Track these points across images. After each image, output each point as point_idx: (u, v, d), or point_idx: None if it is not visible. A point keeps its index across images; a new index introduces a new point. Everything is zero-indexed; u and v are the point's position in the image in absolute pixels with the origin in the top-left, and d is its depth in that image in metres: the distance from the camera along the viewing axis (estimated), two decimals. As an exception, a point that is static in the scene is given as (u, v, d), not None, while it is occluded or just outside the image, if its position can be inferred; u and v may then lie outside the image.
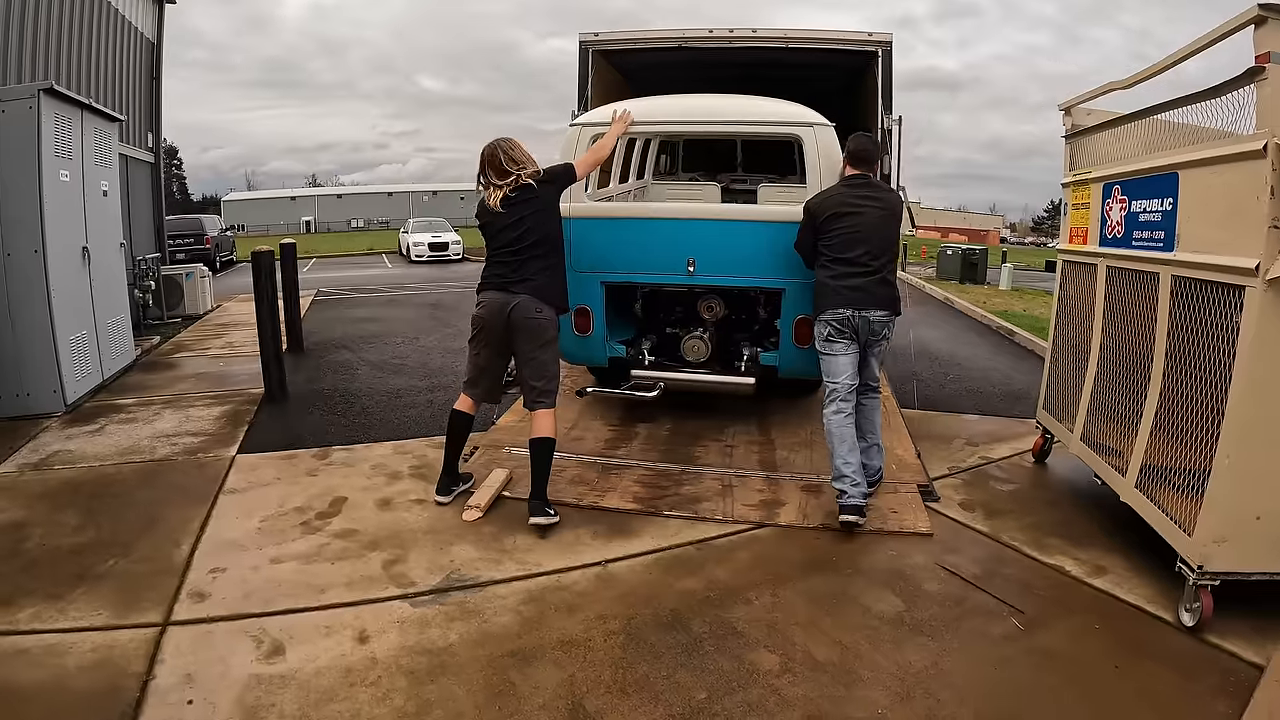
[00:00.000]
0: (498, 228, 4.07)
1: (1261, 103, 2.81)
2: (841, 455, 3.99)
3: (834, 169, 4.59)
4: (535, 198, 4.05)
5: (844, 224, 4.11)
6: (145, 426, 5.65)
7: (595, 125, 4.93)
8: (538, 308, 4.02)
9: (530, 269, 4.04)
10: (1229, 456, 2.97)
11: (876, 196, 4.18)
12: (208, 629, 3.06)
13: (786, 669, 2.87)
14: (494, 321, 4.05)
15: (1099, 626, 3.19)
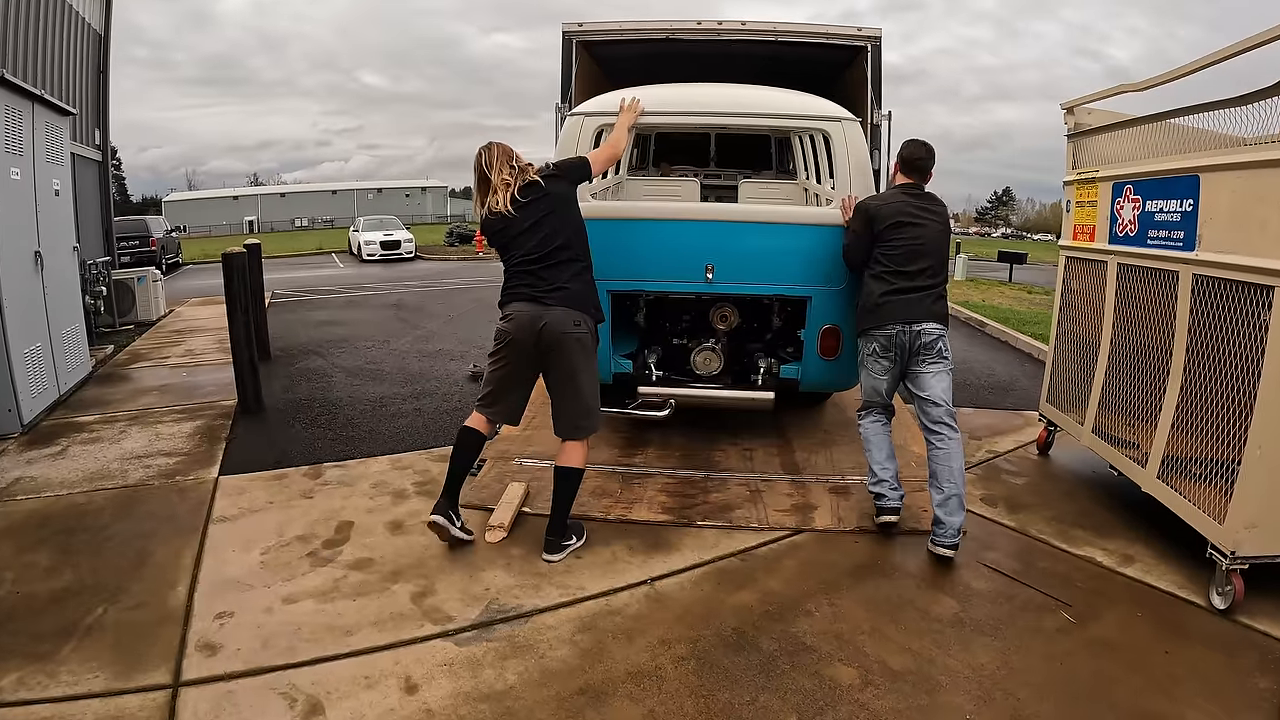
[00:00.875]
0: (513, 234, 3.44)
1: None
2: (879, 461, 3.71)
3: (863, 167, 4.23)
4: (547, 195, 3.45)
5: (906, 235, 3.66)
6: (112, 447, 4.98)
7: (600, 115, 4.32)
8: (576, 320, 3.39)
9: (561, 275, 3.42)
10: (1260, 448, 2.92)
11: (936, 210, 3.77)
12: (227, 688, 2.56)
13: (867, 682, 2.62)
14: (524, 338, 3.38)
15: (1140, 614, 3.11)
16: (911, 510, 3.85)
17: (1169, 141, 3.55)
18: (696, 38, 5.67)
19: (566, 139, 4.31)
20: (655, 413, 4.35)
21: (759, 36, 5.63)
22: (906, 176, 3.81)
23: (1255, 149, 2.93)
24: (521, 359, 3.44)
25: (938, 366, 3.60)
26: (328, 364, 7.60)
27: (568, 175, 3.60)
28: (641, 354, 4.70)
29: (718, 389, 4.51)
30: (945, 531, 3.40)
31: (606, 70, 6.41)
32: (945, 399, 3.57)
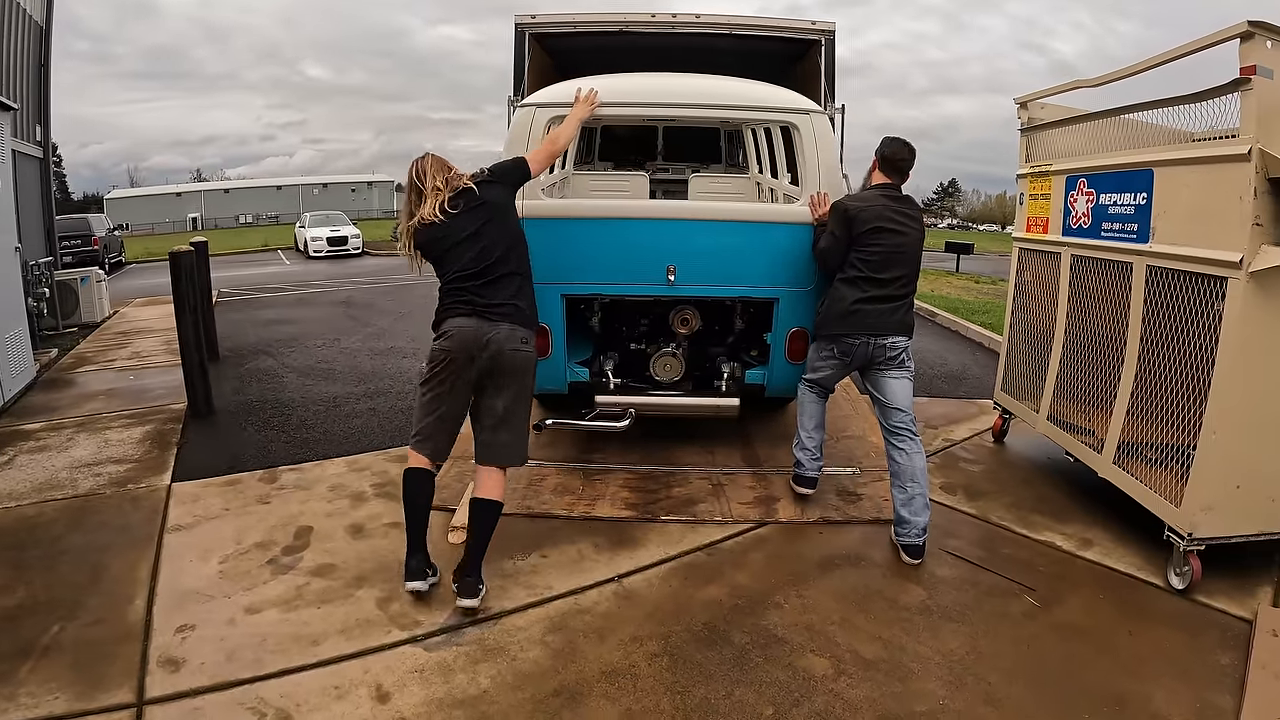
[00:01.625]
0: (447, 246, 3.15)
1: (1245, 111, 2.84)
2: (807, 429, 3.79)
3: (831, 162, 4.08)
4: (484, 203, 3.18)
5: (886, 241, 3.50)
6: (60, 455, 4.80)
7: (553, 106, 3.98)
8: (523, 338, 3.13)
9: (503, 292, 3.13)
10: (1215, 433, 3.03)
11: (915, 216, 3.64)
12: (194, 705, 2.48)
13: (840, 672, 2.65)
14: (465, 357, 3.05)
15: (1103, 597, 3.21)
16: (874, 500, 3.92)
17: (1122, 136, 3.64)
18: (650, 30, 5.63)
19: (516, 131, 4.03)
20: (614, 424, 4.12)
21: (713, 30, 5.61)
22: (886, 176, 3.65)
23: (1210, 145, 3.03)
24: (461, 381, 3.10)
25: (899, 374, 3.54)
26: (278, 364, 7.43)
27: (504, 180, 3.33)
28: (598, 360, 4.46)
29: (679, 396, 4.30)
30: (910, 530, 3.37)
31: (559, 63, 6.32)
32: (907, 406, 3.52)
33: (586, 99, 3.85)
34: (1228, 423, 2.99)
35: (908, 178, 3.70)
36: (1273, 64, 2.78)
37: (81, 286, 9.96)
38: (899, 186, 3.66)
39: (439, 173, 3.20)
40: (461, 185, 3.18)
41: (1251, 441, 3.02)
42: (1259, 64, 2.77)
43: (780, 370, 4.22)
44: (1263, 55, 2.77)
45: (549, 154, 3.59)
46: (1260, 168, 2.78)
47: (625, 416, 4.13)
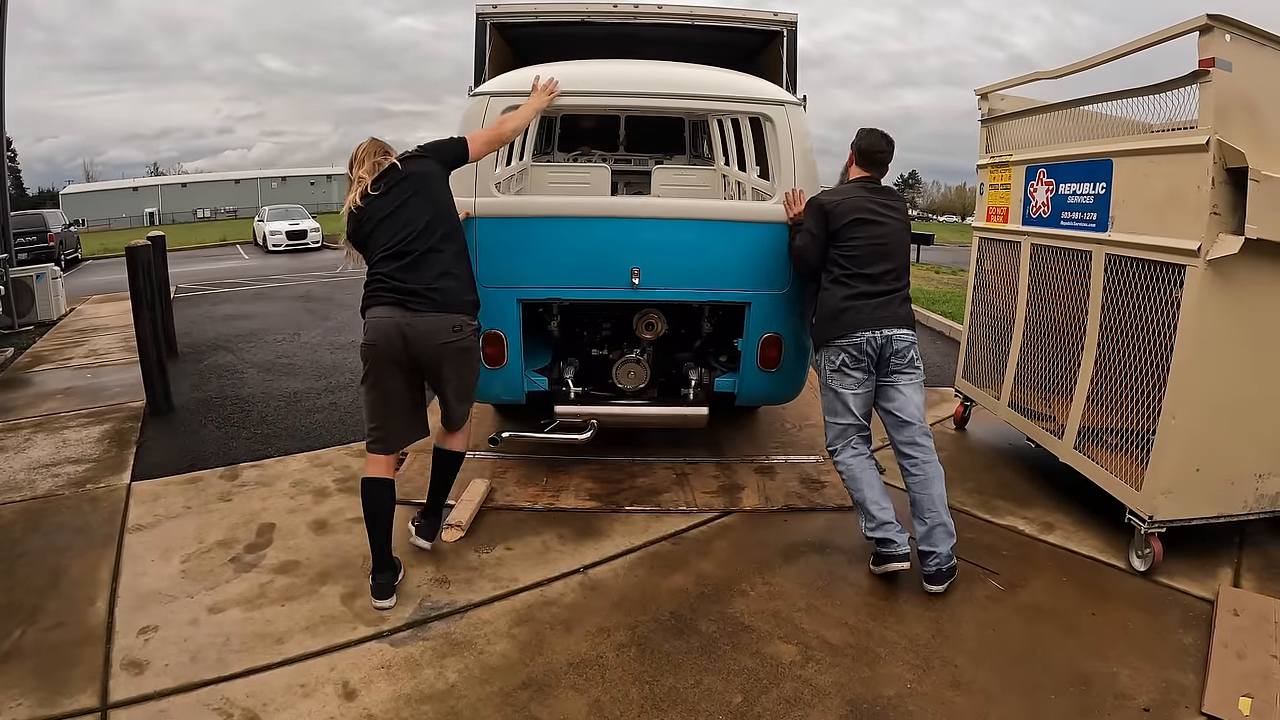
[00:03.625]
0: (369, 229, 3.02)
1: (1204, 102, 2.92)
2: (874, 500, 3.22)
3: (809, 155, 3.87)
4: (406, 177, 3.03)
5: (867, 233, 3.32)
6: (17, 456, 4.69)
7: (508, 95, 3.73)
8: (455, 325, 2.98)
9: (428, 273, 2.96)
10: (1174, 417, 3.11)
11: (896, 206, 3.45)
12: (159, 707, 2.45)
13: (808, 658, 2.70)
14: (392, 351, 2.94)
15: (1065, 579, 3.28)
16: (838, 487, 3.97)
17: (1082, 127, 3.72)
18: (612, 20, 5.59)
19: (469, 121, 3.73)
20: (575, 436, 3.94)
21: (675, 20, 5.58)
22: (863, 170, 3.50)
23: (1169, 135, 3.10)
24: (396, 373, 3.00)
25: (909, 378, 3.29)
26: (238, 359, 7.33)
27: (435, 155, 3.18)
28: (557, 368, 4.22)
29: (644, 406, 4.12)
30: (934, 560, 3.11)
31: (519, 52, 6.24)
32: (920, 416, 3.28)
33: (545, 88, 3.67)
34: (1186, 408, 3.07)
35: (886, 170, 3.54)
36: (1231, 57, 2.86)
37: (37, 284, 9.72)
38: (878, 179, 3.50)
39: (369, 157, 3.08)
40: (385, 165, 3.06)
41: (1210, 426, 3.12)
42: (1217, 57, 2.85)
43: (752, 377, 4.03)
44: (1221, 48, 2.85)
45: (494, 138, 3.43)
46: (1218, 158, 2.86)
47: (587, 428, 3.97)
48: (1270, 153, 2.89)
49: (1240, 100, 2.91)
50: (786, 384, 4.12)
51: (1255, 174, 2.80)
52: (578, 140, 8.62)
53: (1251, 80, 2.92)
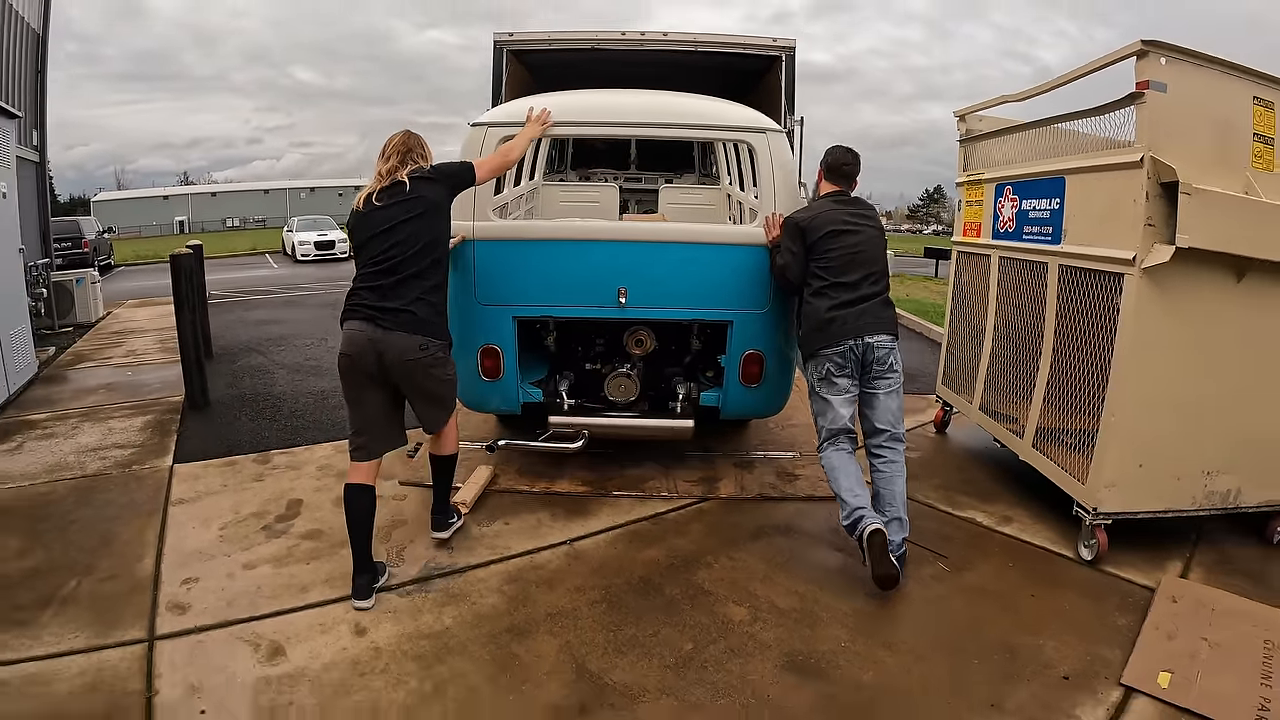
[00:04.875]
0: (365, 236, 3.29)
1: (1140, 122, 3.36)
2: (849, 488, 3.51)
3: (790, 179, 4.24)
4: (413, 198, 3.28)
5: (842, 243, 3.66)
6: (67, 441, 5.40)
7: (504, 126, 4.15)
8: (421, 345, 3.27)
9: (406, 294, 3.25)
10: (1114, 415, 3.52)
11: (868, 214, 3.81)
12: (198, 639, 3.06)
13: (756, 618, 3.21)
14: (364, 363, 3.25)
15: (1013, 565, 3.70)
16: (810, 479, 4.50)
17: (1042, 147, 4.20)
18: (620, 47, 6.22)
19: (468, 150, 4.13)
20: (567, 445, 4.32)
21: (679, 46, 6.19)
22: (833, 184, 3.86)
23: (1110, 153, 3.55)
24: (371, 382, 3.31)
25: (888, 383, 3.63)
26: (269, 361, 8.10)
27: (445, 180, 3.43)
28: (552, 380, 4.61)
29: (634, 417, 4.47)
30: (890, 547, 3.38)
31: (536, 76, 6.90)
32: (894, 422, 3.64)
33: (539, 118, 4.02)
34: (1125, 406, 3.48)
35: (855, 183, 3.91)
36: (1166, 79, 3.26)
37: (77, 287, 10.64)
38: (847, 192, 3.86)
39: (394, 154, 3.37)
40: (396, 177, 3.31)
41: (1149, 424, 3.50)
42: (1152, 79, 3.25)
43: (735, 393, 4.38)
44: (1156, 71, 3.24)
45: (499, 165, 3.78)
46: (1152, 174, 3.25)
47: (578, 438, 4.33)
48: (1206, 166, 3.29)
49: (1177, 118, 3.29)
50: (769, 399, 4.50)
51: (1186, 187, 3.18)
52: (590, 160, 9.16)
53: (1187, 99, 3.30)
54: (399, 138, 3.43)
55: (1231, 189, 3.35)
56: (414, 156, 3.40)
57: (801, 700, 2.70)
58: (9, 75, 9.97)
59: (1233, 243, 3.32)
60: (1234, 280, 3.43)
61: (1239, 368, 3.55)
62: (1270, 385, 3.60)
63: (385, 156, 3.38)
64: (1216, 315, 3.47)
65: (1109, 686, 2.82)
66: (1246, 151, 3.44)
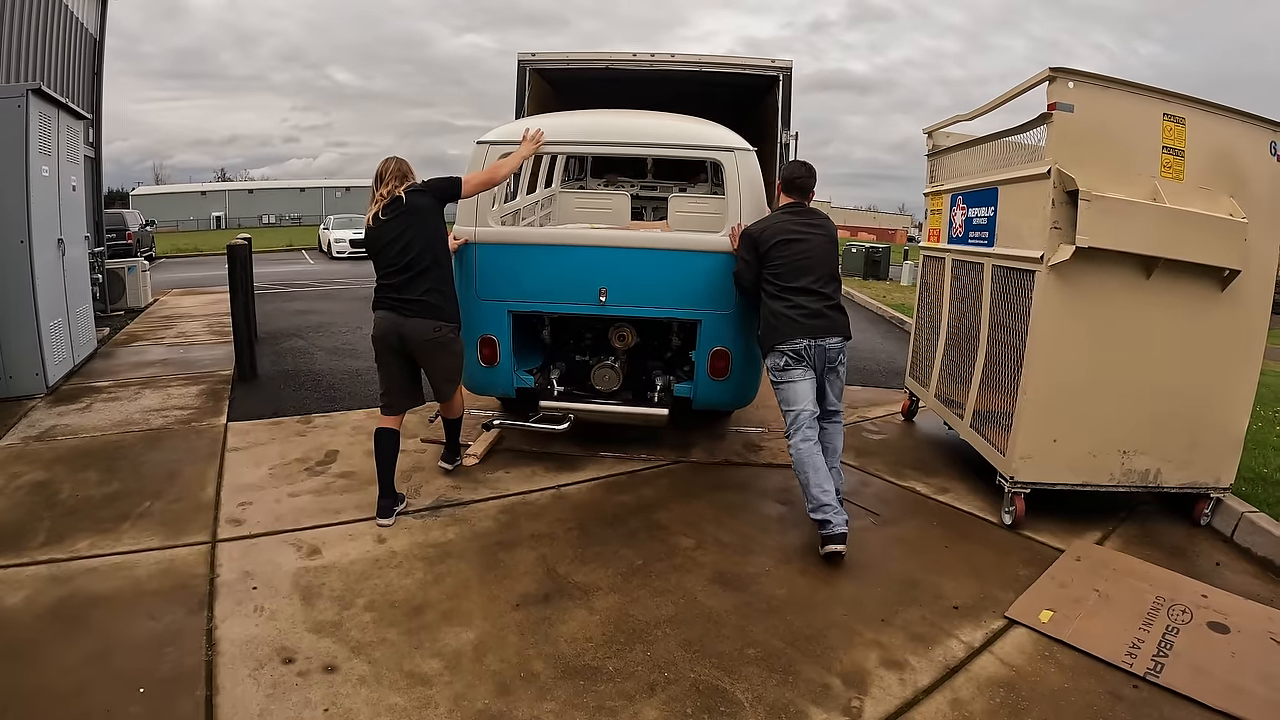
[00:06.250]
0: (378, 246, 4.26)
1: (1050, 138, 4.11)
2: (818, 484, 4.02)
3: (755, 194, 4.85)
4: (408, 210, 4.19)
5: (790, 250, 4.21)
6: (130, 404, 6.52)
7: (503, 144, 4.88)
8: (435, 327, 4.27)
9: (418, 288, 4.23)
10: (1027, 393, 4.29)
11: (818, 223, 4.33)
12: (252, 542, 4.07)
13: (699, 546, 4.12)
14: (390, 343, 4.30)
15: (937, 524, 4.50)
16: (773, 450, 5.40)
17: (988, 161, 5.03)
18: (630, 68, 7.19)
19: (472, 164, 4.87)
20: (555, 426, 5.04)
21: (684, 68, 7.15)
22: (789, 196, 4.44)
23: (1027, 166, 4.33)
24: (396, 358, 4.36)
25: (835, 376, 4.27)
26: (309, 344, 9.32)
27: (433, 191, 4.33)
28: (546, 369, 5.34)
29: (614, 405, 5.13)
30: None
31: (557, 91, 7.94)
32: (837, 401, 4.33)
33: (532, 138, 4.80)
34: (1036, 386, 4.23)
35: (811, 195, 4.49)
36: (1074, 100, 3.97)
37: (129, 275, 11.97)
38: (803, 203, 4.44)
39: (391, 180, 4.27)
40: (394, 194, 4.22)
41: (1060, 402, 4.23)
42: (1059, 101, 3.97)
43: (704, 385, 5.07)
44: (1064, 94, 3.96)
45: (486, 180, 4.56)
46: (1058, 183, 3.97)
47: (565, 420, 5.04)
48: (1115, 176, 3.98)
49: (1085, 133, 3.98)
50: (735, 392, 5.17)
51: (1085, 194, 3.87)
52: (609, 169, 10.09)
53: (1096, 117, 3.99)
54: (393, 164, 4.33)
55: (1139, 197, 4.02)
56: (407, 178, 4.31)
57: (722, 603, 3.59)
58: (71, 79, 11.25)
59: (1132, 243, 4.00)
60: (1143, 277, 4.13)
61: (1149, 356, 4.22)
62: (1178, 372, 4.26)
63: (384, 181, 4.28)
64: (1126, 309, 4.16)
65: (993, 618, 3.48)
66: (1155, 162, 4.10)
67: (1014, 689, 3.00)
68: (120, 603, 3.46)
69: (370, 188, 4.39)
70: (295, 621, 3.34)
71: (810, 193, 4.48)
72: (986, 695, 2.96)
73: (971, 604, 3.61)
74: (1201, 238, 4.07)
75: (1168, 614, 3.51)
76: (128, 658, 3.06)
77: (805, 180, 4.46)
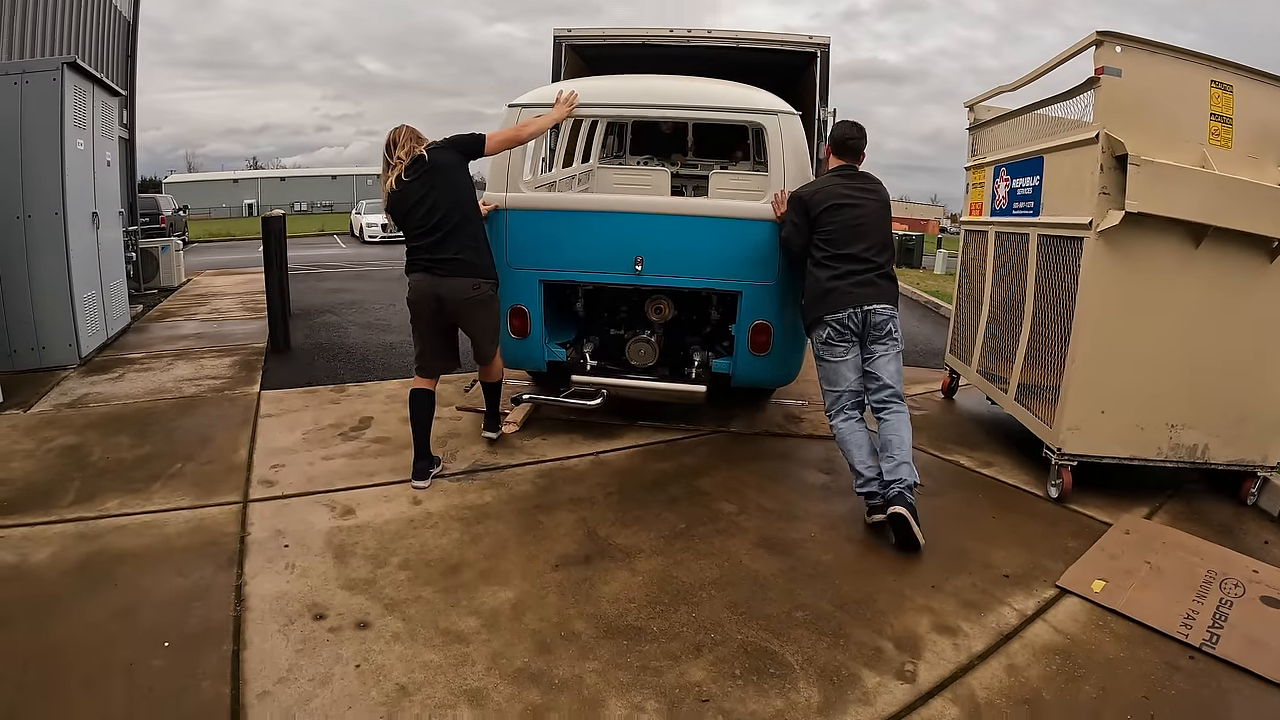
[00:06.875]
0: (405, 208, 4.08)
1: (1097, 103, 3.96)
2: (862, 460, 3.88)
3: (800, 160, 4.62)
4: (433, 168, 4.02)
5: (843, 216, 3.98)
6: (164, 374, 6.46)
7: (536, 106, 4.67)
8: (474, 285, 4.12)
9: (451, 246, 4.06)
10: (1075, 360, 4.11)
11: (871, 188, 4.10)
12: (284, 502, 3.97)
13: (742, 511, 3.99)
14: (427, 305, 4.14)
15: (983, 497, 4.35)
16: (813, 422, 5.24)
17: (1032, 131, 4.86)
18: (668, 43, 7.07)
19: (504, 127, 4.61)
20: (586, 402, 4.87)
21: (721, 43, 7.02)
22: (840, 159, 4.15)
23: (1075, 131, 4.18)
24: (433, 321, 4.20)
25: (886, 347, 3.91)
26: (342, 320, 9.26)
27: (457, 147, 4.17)
28: (579, 343, 5.11)
29: (649, 380, 4.90)
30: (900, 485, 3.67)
31: (591, 68, 7.73)
32: (895, 381, 3.92)
33: (566, 100, 4.60)
34: (1084, 354, 4.06)
35: (863, 157, 4.19)
36: (1121, 65, 3.85)
37: (162, 254, 11.95)
38: (854, 166, 4.16)
39: (406, 143, 4.07)
40: (415, 154, 4.03)
41: (1108, 373, 4.06)
42: (1107, 65, 3.81)
43: (744, 361, 4.81)
44: (1111, 58, 3.81)
45: (510, 138, 4.39)
46: (1106, 148, 3.81)
47: (597, 396, 4.87)
48: (1158, 139, 3.80)
49: (1132, 99, 3.83)
50: (777, 368, 4.93)
51: (1134, 159, 3.72)
52: (648, 146, 9.95)
53: (1143, 83, 3.85)
54: (405, 130, 4.13)
55: (1186, 163, 3.87)
56: (422, 141, 4.11)
57: (768, 566, 3.46)
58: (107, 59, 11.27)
59: (1181, 209, 3.84)
60: (1192, 246, 3.96)
61: (1199, 327, 4.05)
62: (1227, 345, 4.08)
63: (399, 145, 4.08)
64: (1174, 278, 3.98)
65: (1044, 587, 3.36)
66: (1203, 129, 3.96)
67: (1070, 656, 2.87)
68: (149, 559, 3.38)
69: (383, 158, 4.14)
70: (327, 579, 3.24)
71: (861, 154, 4.21)
72: (1043, 662, 2.84)
73: (1022, 573, 3.48)
74: (1251, 207, 3.90)
75: (1220, 587, 3.39)
76: (154, 613, 2.97)
77: (857, 141, 4.17)
